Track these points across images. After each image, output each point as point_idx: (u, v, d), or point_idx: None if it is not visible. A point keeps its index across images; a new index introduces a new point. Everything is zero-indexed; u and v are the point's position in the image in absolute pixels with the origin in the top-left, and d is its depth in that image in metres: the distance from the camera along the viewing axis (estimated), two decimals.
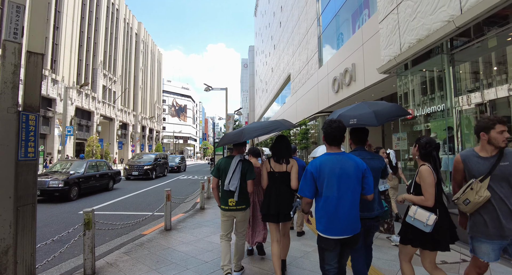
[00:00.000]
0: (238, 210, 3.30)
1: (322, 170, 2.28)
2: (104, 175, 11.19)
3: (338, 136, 2.35)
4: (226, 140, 3.66)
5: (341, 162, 2.29)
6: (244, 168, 3.31)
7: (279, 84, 29.00)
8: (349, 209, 2.25)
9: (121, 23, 45.29)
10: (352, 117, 2.79)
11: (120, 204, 8.54)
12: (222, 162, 3.41)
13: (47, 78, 26.97)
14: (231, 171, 3.25)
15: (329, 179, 2.25)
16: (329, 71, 13.81)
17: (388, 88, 10.60)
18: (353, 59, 11.24)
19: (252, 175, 3.31)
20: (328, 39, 15.91)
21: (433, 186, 2.41)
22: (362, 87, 10.53)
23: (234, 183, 3.22)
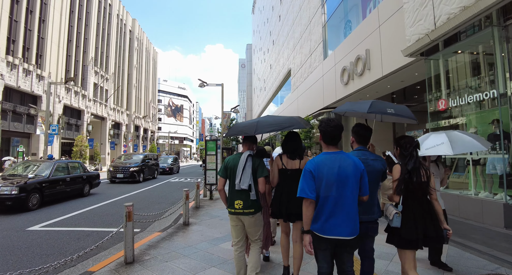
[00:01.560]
0: (245, 214, 2.94)
1: (321, 169, 2.22)
2: (76, 178, 9.59)
3: (336, 135, 2.32)
4: (236, 131, 3.45)
5: (339, 161, 2.24)
6: (254, 164, 2.99)
7: (279, 80, 27.65)
8: (347, 210, 2.19)
9: (114, 19, 43.65)
10: (388, 107, 2.83)
11: (87, 216, 6.96)
12: (230, 160, 3.11)
13: (32, 74, 25.29)
14: (241, 168, 2.94)
15: (328, 178, 2.19)
16: (336, 61, 12.36)
17: (409, 77, 9.14)
18: (367, 44, 9.78)
19: (263, 171, 2.99)
20: (334, 28, 14.50)
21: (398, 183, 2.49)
22: (379, 76, 9.06)
23: (246, 180, 2.91)
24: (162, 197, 10.31)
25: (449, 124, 6.90)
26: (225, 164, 3.13)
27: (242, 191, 2.95)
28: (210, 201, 8.86)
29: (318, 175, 2.21)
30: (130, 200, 9.43)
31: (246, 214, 2.95)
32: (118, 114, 44.34)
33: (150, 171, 17.58)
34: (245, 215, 2.95)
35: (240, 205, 2.94)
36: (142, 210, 7.74)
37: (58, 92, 29.02)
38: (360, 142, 2.72)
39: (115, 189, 12.36)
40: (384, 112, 2.82)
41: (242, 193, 2.95)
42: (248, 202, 2.94)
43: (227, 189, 3.11)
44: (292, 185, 2.97)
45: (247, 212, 2.94)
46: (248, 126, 3.18)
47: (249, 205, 2.95)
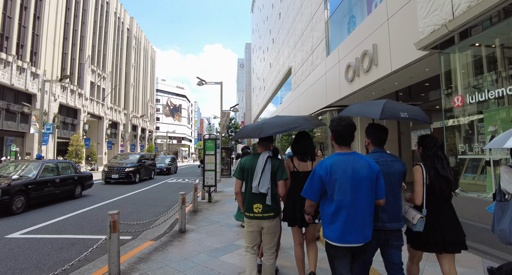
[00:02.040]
0: (265, 219, 2.82)
1: (333, 172, 2.07)
2: (67, 179, 9.06)
3: (348, 135, 2.18)
4: (242, 134, 3.31)
5: (353, 162, 2.10)
6: (274, 166, 2.86)
7: (278, 79, 27.18)
8: (363, 215, 2.06)
9: (112, 17, 43.05)
10: (401, 110, 2.62)
11: (75, 220, 6.44)
12: (247, 161, 2.95)
13: (26, 72, 24.69)
14: (259, 171, 2.80)
15: (342, 181, 2.05)
16: (340, 58, 11.88)
17: (419, 73, 8.66)
18: (374, 39, 9.30)
19: (284, 174, 2.86)
20: (338, 24, 14.04)
21: (420, 184, 2.43)
22: (388, 72, 8.57)
23: (266, 184, 2.79)
24: (158, 199, 9.79)
25: (467, 121, 6.43)
26: (242, 165, 2.95)
27: (261, 194, 2.80)
28: (209, 204, 8.35)
29: (330, 178, 2.07)
30: (124, 203, 8.91)
31: (266, 218, 2.80)
32: (116, 114, 43.76)
33: (147, 171, 17.04)
34: (265, 219, 2.81)
35: (260, 209, 2.81)
36: (135, 214, 7.24)
37: (53, 90, 28.42)
38: (376, 144, 2.58)
39: (109, 191, 11.83)
40: (397, 117, 2.58)
41: (261, 196, 2.81)
42: (267, 206, 2.81)
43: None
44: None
45: (267, 216, 2.80)
46: (253, 128, 3.06)
47: (269, 209, 2.81)
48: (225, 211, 7.11)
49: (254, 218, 2.83)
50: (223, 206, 7.86)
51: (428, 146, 2.53)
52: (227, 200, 8.98)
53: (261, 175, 2.79)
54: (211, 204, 8.35)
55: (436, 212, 2.45)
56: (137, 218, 6.61)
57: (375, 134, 2.59)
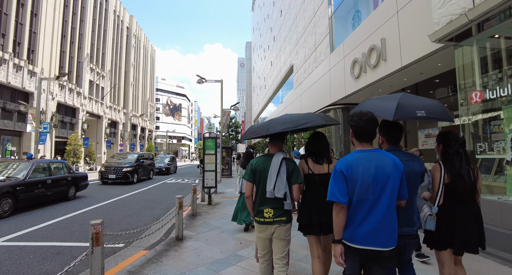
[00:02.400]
0: (276, 223, 2.60)
1: (355, 169, 1.93)
2: (60, 180, 8.62)
3: (370, 131, 2.01)
4: (250, 132, 3.07)
5: (376, 160, 1.95)
6: (289, 168, 2.64)
7: (280, 77, 26.78)
8: (383, 216, 1.91)
9: (111, 15, 42.59)
10: (418, 108, 2.39)
11: (66, 225, 6.01)
12: (259, 163, 2.72)
13: (23, 69, 24.25)
14: (274, 173, 2.58)
15: (363, 180, 1.91)
16: (346, 54, 11.45)
17: (430, 68, 8.23)
18: (383, 33, 8.86)
19: (299, 177, 2.65)
20: (342, 19, 13.63)
21: (437, 183, 2.38)
22: (397, 67, 8.13)
23: (282, 188, 2.55)
24: (156, 201, 9.36)
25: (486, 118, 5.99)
26: (253, 166, 2.74)
27: (274, 199, 2.61)
28: (209, 206, 7.91)
29: (352, 176, 1.94)
30: (119, 205, 8.47)
31: (277, 222, 2.61)
32: (115, 113, 43.33)
33: (145, 171, 16.61)
34: (276, 224, 2.61)
35: (271, 214, 2.62)
36: (130, 217, 6.80)
37: (51, 89, 27.98)
38: (391, 142, 2.44)
39: (106, 192, 11.39)
40: (413, 117, 2.38)
41: (274, 201, 2.62)
42: (280, 210, 2.62)
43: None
44: (321, 192, 2.58)
45: (278, 220, 2.61)
46: (261, 126, 2.91)
47: (280, 213, 2.63)
48: (226, 214, 6.67)
49: (264, 223, 2.64)
50: (224, 209, 7.43)
51: (449, 143, 2.44)
52: (228, 203, 8.54)
53: (276, 178, 2.58)
54: (211, 206, 7.91)
55: (453, 211, 2.39)
56: (131, 223, 6.18)
57: (389, 131, 2.43)
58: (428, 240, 2.49)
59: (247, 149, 6.30)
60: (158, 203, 8.86)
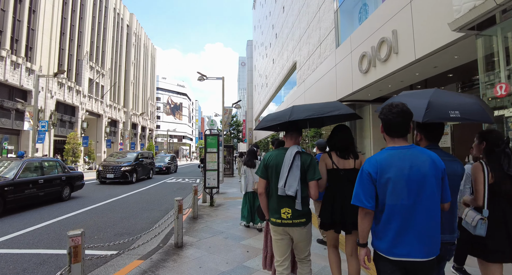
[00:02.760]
0: (295, 225, 2.37)
1: (385, 170, 1.72)
2: (53, 180, 8.18)
3: (402, 124, 1.79)
4: (267, 120, 2.76)
5: (411, 158, 1.73)
6: (304, 163, 2.39)
7: (282, 75, 26.36)
8: (424, 223, 1.68)
9: (111, 13, 42.14)
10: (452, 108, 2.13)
11: (55, 229, 5.56)
12: (272, 157, 2.51)
13: (21, 67, 23.81)
14: (286, 169, 2.36)
15: (396, 181, 1.70)
16: (353, 48, 10.97)
17: (446, 61, 7.74)
18: (394, 24, 8.39)
19: (316, 173, 2.39)
20: (348, 13, 13.16)
21: (481, 183, 2.24)
22: (411, 60, 7.66)
23: (293, 184, 2.33)
24: (155, 202, 8.91)
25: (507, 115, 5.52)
26: (265, 161, 2.52)
27: (289, 197, 2.38)
28: (211, 208, 7.45)
29: (382, 178, 1.74)
30: (116, 206, 8.02)
31: (297, 225, 2.39)
32: (115, 111, 42.92)
33: (145, 170, 16.16)
34: (295, 227, 2.39)
35: (289, 214, 2.38)
36: (126, 220, 6.35)
37: (50, 87, 27.55)
38: (430, 139, 2.20)
39: (103, 192, 10.95)
40: (445, 118, 2.11)
41: (290, 199, 2.39)
42: (298, 211, 2.38)
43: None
44: (346, 188, 2.50)
45: (297, 222, 2.38)
46: (282, 112, 2.66)
47: (299, 214, 2.39)
48: (230, 217, 6.21)
49: (281, 225, 2.39)
50: (227, 211, 6.97)
51: (495, 142, 2.31)
52: (231, 204, 8.09)
53: (288, 174, 2.34)
54: (213, 208, 7.46)
55: (502, 214, 2.22)
56: (127, 226, 5.74)
57: (429, 127, 2.18)
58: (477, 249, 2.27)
59: (251, 147, 6.09)
60: (157, 204, 8.41)
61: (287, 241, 2.47)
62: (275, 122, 2.64)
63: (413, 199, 1.70)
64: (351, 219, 2.48)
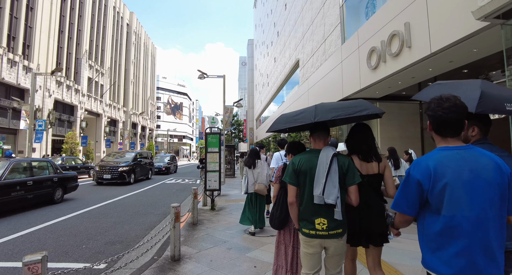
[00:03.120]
0: (331, 237, 2.15)
1: (440, 174, 1.46)
2: (43, 181, 7.70)
3: (456, 121, 1.52)
4: (285, 121, 2.46)
5: (470, 161, 1.46)
6: (342, 166, 2.18)
7: (284, 73, 25.91)
8: (489, 239, 1.40)
9: (110, 11, 41.68)
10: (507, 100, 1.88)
11: (41, 236, 5.07)
12: (303, 160, 2.25)
13: (18, 65, 23.36)
14: (323, 174, 2.13)
15: (454, 188, 1.43)
16: (360, 43, 10.48)
17: (463, 55, 7.25)
18: (406, 17, 7.90)
19: (356, 177, 2.19)
20: (354, 8, 12.68)
21: None
22: (425, 54, 7.17)
23: (333, 191, 2.10)
24: (152, 204, 8.42)
25: None
26: (295, 166, 2.28)
27: (325, 205, 2.17)
28: (212, 212, 6.94)
29: (437, 185, 1.45)
30: (111, 209, 7.53)
31: (333, 236, 2.17)
32: (115, 111, 42.47)
33: (143, 171, 15.67)
34: (331, 238, 2.17)
35: (324, 225, 2.17)
36: (120, 225, 5.86)
37: (48, 85, 27.09)
38: (485, 133, 1.94)
39: (98, 193, 10.47)
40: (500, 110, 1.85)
41: (326, 208, 2.17)
42: (335, 220, 2.16)
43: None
44: (369, 195, 2.31)
45: (334, 233, 2.17)
46: (304, 113, 2.36)
47: (336, 224, 2.17)
48: (233, 223, 5.71)
49: (316, 236, 2.16)
50: (230, 216, 6.46)
51: None
52: (234, 207, 7.58)
53: (325, 179, 2.12)
54: (214, 212, 6.95)
55: None
56: (120, 233, 5.24)
57: (485, 119, 1.94)
58: None
59: (253, 147, 5.77)
60: (154, 207, 7.92)
61: (319, 255, 2.27)
62: (296, 123, 2.36)
63: (476, 211, 1.43)
64: (376, 230, 2.29)
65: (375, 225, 2.30)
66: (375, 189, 2.39)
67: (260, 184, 5.19)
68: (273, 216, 2.85)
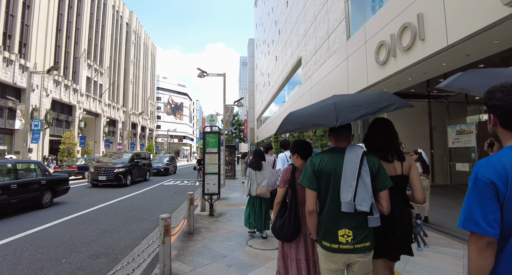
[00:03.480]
0: (358, 252, 1.81)
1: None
2: (29, 184, 7.17)
3: None
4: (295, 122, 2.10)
5: None
6: (373, 167, 1.86)
7: (286, 72, 25.44)
8: None
9: (109, 10, 41.21)
10: None
11: (17, 247, 4.56)
12: (327, 160, 1.91)
13: (14, 64, 22.87)
14: (352, 176, 1.80)
15: None
16: (367, 38, 9.96)
17: (482, 48, 6.72)
18: (419, 7, 7.37)
19: (387, 179, 1.88)
20: (360, 2, 12.16)
21: None
22: (441, 47, 6.63)
23: (366, 197, 1.78)
24: (147, 209, 7.89)
25: None
26: (316, 167, 1.90)
27: (353, 214, 1.79)
28: (210, 219, 6.38)
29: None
30: (102, 214, 7.00)
31: (360, 250, 1.80)
32: (114, 111, 41.99)
33: (140, 172, 15.14)
34: (358, 253, 1.80)
35: (349, 238, 1.80)
36: (109, 234, 5.33)
37: (45, 85, 26.61)
38: None
39: (92, 196, 9.95)
40: None
41: (353, 217, 1.81)
42: (362, 231, 1.81)
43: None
44: (393, 201, 1.93)
45: (361, 247, 1.79)
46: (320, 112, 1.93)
47: (363, 236, 1.80)
48: (233, 232, 5.15)
49: (339, 251, 1.83)
50: (230, 224, 5.88)
51: None
52: (234, 213, 7.03)
53: (356, 182, 1.79)
54: (213, 219, 6.38)
55: None
56: (107, 244, 4.71)
57: None
58: None
59: (257, 148, 5.35)
60: (149, 212, 7.38)
61: (343, 272, 1.94)
62: (310, 126, 1.98)
63: None
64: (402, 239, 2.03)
65: (402, 234, 2.02)
66: (399, 193, 2.08)
67: (262, 187, 4.90)
68: (282, 226, 2.38)
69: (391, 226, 2.02)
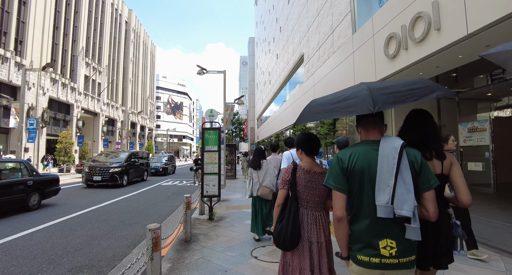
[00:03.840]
0: (402, 267, 1.51)
1: None
2: (13, 185, 6.66)
3: None
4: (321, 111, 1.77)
5: None
6: (414, 162, 1.55)
7: (288, 69, 24.95)
8: None
9: (108, 8, 40.69)
10: None
11: None
12: (356, 156, 1.61)
13: (9, 61, 22.36)
14: (390, 172, 1.49)
15: None
16: (376, 31, 9.46)
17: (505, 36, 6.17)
18: None
19: (432, 178, 1.56)
20: None
21: None
22: (460, 36, 6.11)
23: (408, 199, 1.46)
24: (142, 211, 7.38)
25: None
26: (344, 164, 1.59)
27: (393, 221, 1.49)
28: (210, 224, 5.84)
29: None
30: (92, 218, 6.48)
31: (405, 266, 1.50)
32: (113, 110, 41.46)
33: (138, 172, 14.62)
34: (402, 269, 1.50)
35: (393, 249, 1.48)
36: (96, 241, 4.81)
37: (42, 83, 26.09)
38: None
39: (84, 198, 9.43)
40: None
41: (394, 225, 1.50)
42: (405, 242, 1.49)
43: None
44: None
45: (405, 262, 1.49)
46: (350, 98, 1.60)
47: (409, 248, 1.50)
48: (236, 240, 4.60)
49: (379, 266, 1.47)
50: (232, 229, 5.33)
51: None
52: (236, 216, 6.50)
53: (395, 181, 1.44)
54: (212, 224, 5.83)
55: None
56: (92, 253, 4.20)
57: None
58: None
59: (258, 146, 5.14)
60: (143, 216, 6.87)
61: None
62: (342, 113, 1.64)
63: None
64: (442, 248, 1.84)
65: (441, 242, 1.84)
66: (439, 194, 1.84)
67: (264, 188, 4.60)
68: (279, 232, 2.04)
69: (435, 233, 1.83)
